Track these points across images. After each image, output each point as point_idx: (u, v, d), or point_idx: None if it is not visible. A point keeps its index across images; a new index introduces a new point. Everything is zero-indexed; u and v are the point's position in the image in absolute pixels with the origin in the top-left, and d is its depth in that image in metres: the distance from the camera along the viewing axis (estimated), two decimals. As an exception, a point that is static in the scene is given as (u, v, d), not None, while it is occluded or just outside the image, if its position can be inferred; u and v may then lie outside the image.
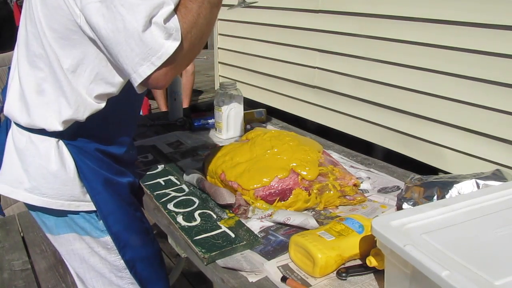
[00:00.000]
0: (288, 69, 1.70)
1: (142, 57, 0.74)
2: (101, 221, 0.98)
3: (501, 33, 1.04)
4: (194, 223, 0.93)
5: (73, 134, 0.92)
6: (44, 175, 0.91)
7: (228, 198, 0.98)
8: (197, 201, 1.03)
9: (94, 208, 0.96)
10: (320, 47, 1.54)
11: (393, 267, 0.66)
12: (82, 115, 0.89)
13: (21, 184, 0.92)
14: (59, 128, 0.88)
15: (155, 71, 0.76)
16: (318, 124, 1.64)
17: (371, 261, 0.73)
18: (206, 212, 0.98)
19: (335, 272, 0.79)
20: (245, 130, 1.40)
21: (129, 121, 1.07)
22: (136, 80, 0.77)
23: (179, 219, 0.95)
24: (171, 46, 0.75)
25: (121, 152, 1.02)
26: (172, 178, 1.14)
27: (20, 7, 4.63)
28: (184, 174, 1.12)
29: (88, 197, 0.95)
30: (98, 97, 0.88)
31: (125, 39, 0.73)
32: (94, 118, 0.90)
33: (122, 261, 1.01)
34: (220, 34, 2.12)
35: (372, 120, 1.43)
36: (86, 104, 0.88)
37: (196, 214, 0.97)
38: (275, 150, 1.08)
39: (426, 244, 0.62)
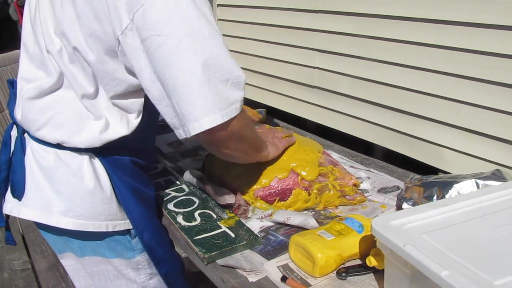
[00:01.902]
0: (288, 69, 1.70)
1: (208, 108, 0.71)
2: (134, 239, 0.93)
3: (501, 33, 1.04)
4: (194, 223, 0.94)
5: (105, 147, 0.85)
6: (80, 194, 0.84)
7: (228, 198, 0.98)
8: (197, 201, 1.03)
9: (129, 227, 0.91)
10: (320, 47, 1.54)
11: (393, 267, 0.66)
12: (128, 130, 0.84)
13: (52, 207, 0.84)
14: (99, 145, 0.83)
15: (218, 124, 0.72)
16: (318, 124, 1.64)
17: (371, 261, 0.73)
18: (206, 212, 0.98)
19: (335, 272, 0.79)
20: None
21: (155, 129, 1.03)
22: (195, 130, 0.72)
23: (179, 219, 0.95)
24: (236, 109, 0.73)
25: (150, 162, 0.99)
26: (172, 178, 1.14)
27: (20, 7, 4.63)
28: (184, 174, 1.12)
29: (123, 214, 0.89)
30: (137, 108, 0.85)
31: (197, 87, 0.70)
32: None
33: (151, 281, 0.98)
34: (220, 34, 2.13)
35: (372, 120, 1.43)
36: (129, 118, 0.85)
37: (196, 214, 0.97)
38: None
39: (426, 244, 0.62)
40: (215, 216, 0.96)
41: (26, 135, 0.89)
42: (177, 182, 1.12)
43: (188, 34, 0.69)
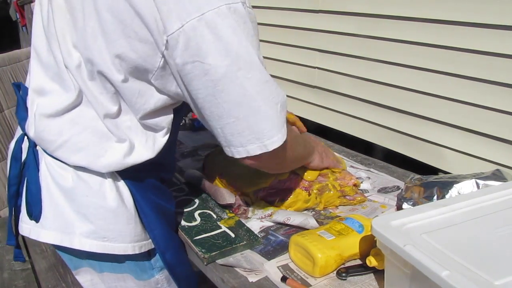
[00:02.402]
0: (288, 69, 1.70)
1: (256, 136, 0.69)
2: (154, 258, 0.88)
3: (501, 33, 1.04)
4: (194, 223, 0.93)
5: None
6: (103, 215, 0.78)
7: (228, 198, 0.98)
8: (197, 201, 1.03)
9: (153, 246, 0.86)
10: (320, 47, 1.54)
11: (393, 267, 0.66)
12: (153, 153, 0.79)
13: (75, 228, 0.78)
14: (122, 169, 0.77)
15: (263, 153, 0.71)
16: (318, 124, 1.64)
17: (371, 261, 0.73)
18: (206, 212, 0.98)
19: (335, 272, 0.79)
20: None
21: (176, 142, 0.96)
22: (240, 154, 0.72)
23: (179, 219, 0.95)
24: (283, 137, 0.72)
25: (171, 176, 0.95)
26: (172, 178, 1.14)
27: (20, 7, 4.62)
28: (184, 174, 1.12)
29: (147, 234, 0.84)
30: (166, 125, 0.80)
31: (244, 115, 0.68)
32: None
33: None
34: (220, 34, 2.12)
35: (372, 120, 1.43)
36: (156, 137, 0.80)
37: (196, 214, 0.97)
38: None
39: (426, 244, 0.62)
40: (215, 216, 0.96)
41: (39, 147, 0.82)
42: (177, 182, 1.12)
43: (235, 62, 0.65)
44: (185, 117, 1.58)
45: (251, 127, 0.69)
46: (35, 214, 0.80)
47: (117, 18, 0.66)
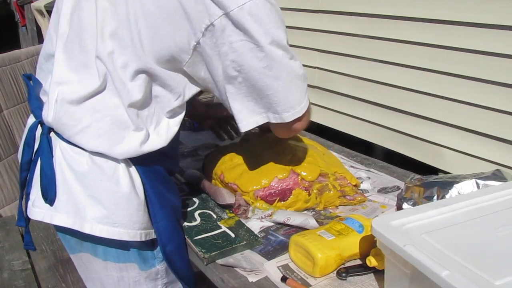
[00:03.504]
0: (288, 69, 1.70)
1: (290, 105, 0.79)
2: (157, 248, 0.89)
3: (501, 33, 1.04)
4: (194, 223, 0.93)
5: None
6: (116, 200, 0.80)
7: (228, 198, 0.98)
8: (197, 201, 1.03)
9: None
10: (320, 47, 1.54)
11: (393, 267, 0.66)
12: (166, 141, 0.83)
13: (87, 213, 0.80)
14: (136, 155, 0.80)
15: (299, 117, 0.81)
16: (318, 124, 1.64)
17: (371, 261, 0.73)
18: (206, 212, 0.98)
19: (335, 272, 0.79)
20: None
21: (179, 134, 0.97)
22: (288, 118, 0.80)
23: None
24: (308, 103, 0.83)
25: (177, 169, 0.97)
26: (172, 178, 1.14)
27: (20, 6, 4.63)
28: (184, 174, 1.12)
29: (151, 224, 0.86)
30: (183, 110, 0.86)
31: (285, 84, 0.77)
32: None
33: None
34: (220, 34, 2.13)
35: (372, 120, 1.43)
36: (170, 124, 0.84)
37: (196, 214, 0.97)
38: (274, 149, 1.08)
39: (426, 244, 0.62)
40: (215, 216, 0.96)
41: (52, 134, 0.84)
42: (177, 182, 1.12)
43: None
44: (185, 118, 1.58)
45: (286, 98, 0.79)
46: (50, 198, 0.82)
47: (159, 7, 0.73)
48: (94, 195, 0.79)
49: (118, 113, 0.79)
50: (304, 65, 0.81)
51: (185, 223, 0.93)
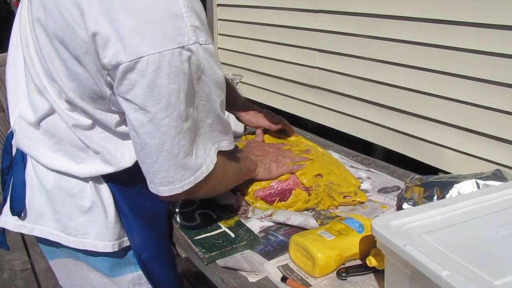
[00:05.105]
0: (288, 69, 1.70)
1: (169, 180, 0.71)
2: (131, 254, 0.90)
3: (501, 33, 1.04)
4: (194, 223, 0.93)
5: None
6: (78, 214, 0.81)
7: (228, 198, 0.98)
8: (197, 201, 1.03)
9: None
10: (320, 47, 1.54)
11: (393, 267, 0.66)
12: (130, 162, 0.79)
13: (54, 224, 0.82)
14: (102, 174, 0.80)
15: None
16: (318, 124, 1.64)
17: (371, 261, 0.73)
18: (206, 212, 0.98)
19: (335, 272, 0.79)
20: (245, 131, 1.40)
21: None
22: (160, 192, 0.73)
23: (179, 219, 0.95)
24: (197, 178, 0.73)
25: None
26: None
27: (20, 7, 4.62)
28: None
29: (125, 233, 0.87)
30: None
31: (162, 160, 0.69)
32: None
33: None
34: (220, 34, 2.12)
35: (372, 120, 1.43)
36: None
37: (196, 214, 0.97)
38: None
39: (426, 244, 0.62)
40: (215, 216, 0.96)
41: None
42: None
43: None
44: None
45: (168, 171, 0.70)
46: (17, 211, 0.83)
47: (67, 46, 0.68)
48: (58, 209, 0.81)
49: (73, 136, 0.78)
50: (304, 65, 0.81)
51: (185, 223, 0.93)
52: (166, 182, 0.71)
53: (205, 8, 0.84)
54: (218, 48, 2.18)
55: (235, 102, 1.16)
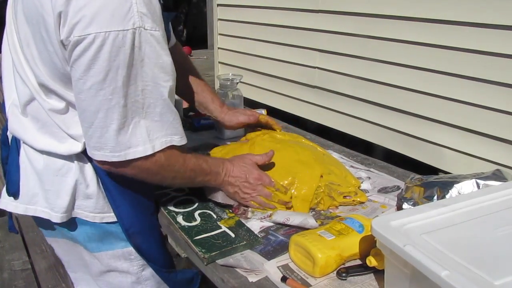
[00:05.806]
0: (288, 69, 1.70)
1: (100, 146, 0.78)
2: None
3: (501, 33, 1.04)
4: (194, 223, 0.93)
5: None
6: (64, 192, 0.88)
7: (228, 198, 0.98)
8: (197, 201, 1.03)
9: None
10: (320, 47, 1.54)
11: (393, 267, 0.66)
12: None
13: (43, 202, 0.90)
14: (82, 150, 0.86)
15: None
16: (318, 124, 1.64)
17: (371, 261, 0.73)
18: (206, 212, 0.98)
19: (335, 272, 0.79)
20: (245, 131, 1.40)
21: None
22: (93, 156, 0.80)
23: (179, 219, 0.95)
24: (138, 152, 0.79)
25: None
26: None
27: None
28: (184, 174, 1.12)
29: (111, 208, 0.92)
30: None
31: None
32: None
33: (144, 272, 0.99)
34: (220, 34, 2.12)
35: (372, 120, 1.43)
36: None
37: (196, 214, 0.97)
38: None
39: (426, 244, 0.62)
40: (215, 216, 0.96)
41: None
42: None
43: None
44: (185, 118, 1.58)
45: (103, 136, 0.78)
46: (12, 191, 0.92)
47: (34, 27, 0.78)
48: (49, 188, 0.89)
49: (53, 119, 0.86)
50: (304, 65, 0.81)
51: (185, 223, 0.93)
52: (98, 147, 0.79)
53: (205, 8, 0.84)
54: (218, 48, 2.18)
55: (213, 103, 1.22)
